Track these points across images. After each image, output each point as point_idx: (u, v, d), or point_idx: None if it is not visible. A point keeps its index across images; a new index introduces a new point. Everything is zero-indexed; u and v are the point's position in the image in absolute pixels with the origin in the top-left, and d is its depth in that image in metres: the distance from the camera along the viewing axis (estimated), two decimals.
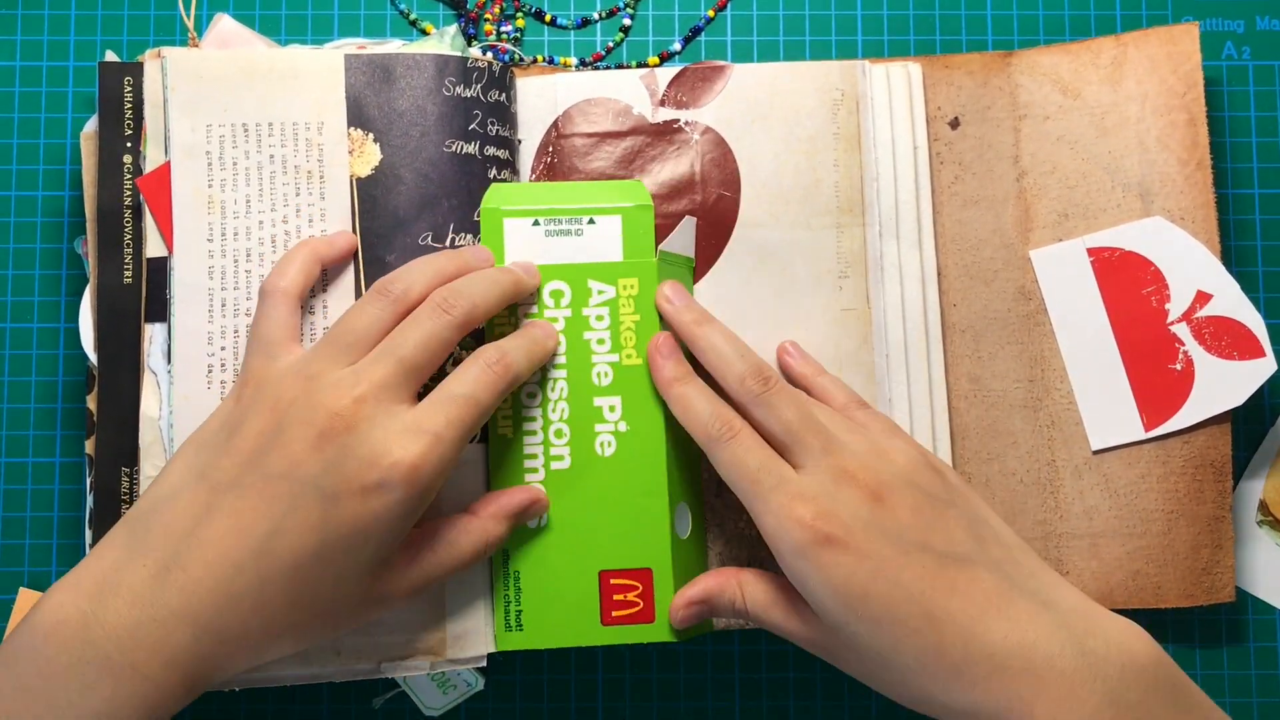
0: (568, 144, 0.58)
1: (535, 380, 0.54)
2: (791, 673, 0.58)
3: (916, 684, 0.45)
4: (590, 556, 0.53)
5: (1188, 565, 0.55)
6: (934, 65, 0.59)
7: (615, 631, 0.53)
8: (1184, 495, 0.56)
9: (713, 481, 0.56)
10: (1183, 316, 0.56)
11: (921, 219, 0.58)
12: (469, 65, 0.56)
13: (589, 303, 0.54)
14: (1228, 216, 0.60)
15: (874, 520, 0.46)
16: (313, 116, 0.55)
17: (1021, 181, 0.58)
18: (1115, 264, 0.57)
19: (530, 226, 0.55)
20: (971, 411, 0.57)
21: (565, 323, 0.54)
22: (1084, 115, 0.58)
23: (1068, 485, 0.57)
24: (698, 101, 0.58)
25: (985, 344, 0.57)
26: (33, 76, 0.61)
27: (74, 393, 0.59)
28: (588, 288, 0.54)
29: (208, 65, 0.55)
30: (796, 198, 0.57)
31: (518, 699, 0.58)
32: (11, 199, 0.60)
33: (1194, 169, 0.57)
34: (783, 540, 0.47)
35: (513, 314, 0.54)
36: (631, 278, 0.54)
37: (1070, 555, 0.56)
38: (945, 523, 0.47)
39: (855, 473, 0.48)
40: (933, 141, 0.58)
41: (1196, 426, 0.56)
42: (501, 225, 0.55)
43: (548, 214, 0.55)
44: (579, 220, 0.55)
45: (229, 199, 0.54)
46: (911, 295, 0.57)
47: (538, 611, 0.53)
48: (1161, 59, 0.57)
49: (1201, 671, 0.58)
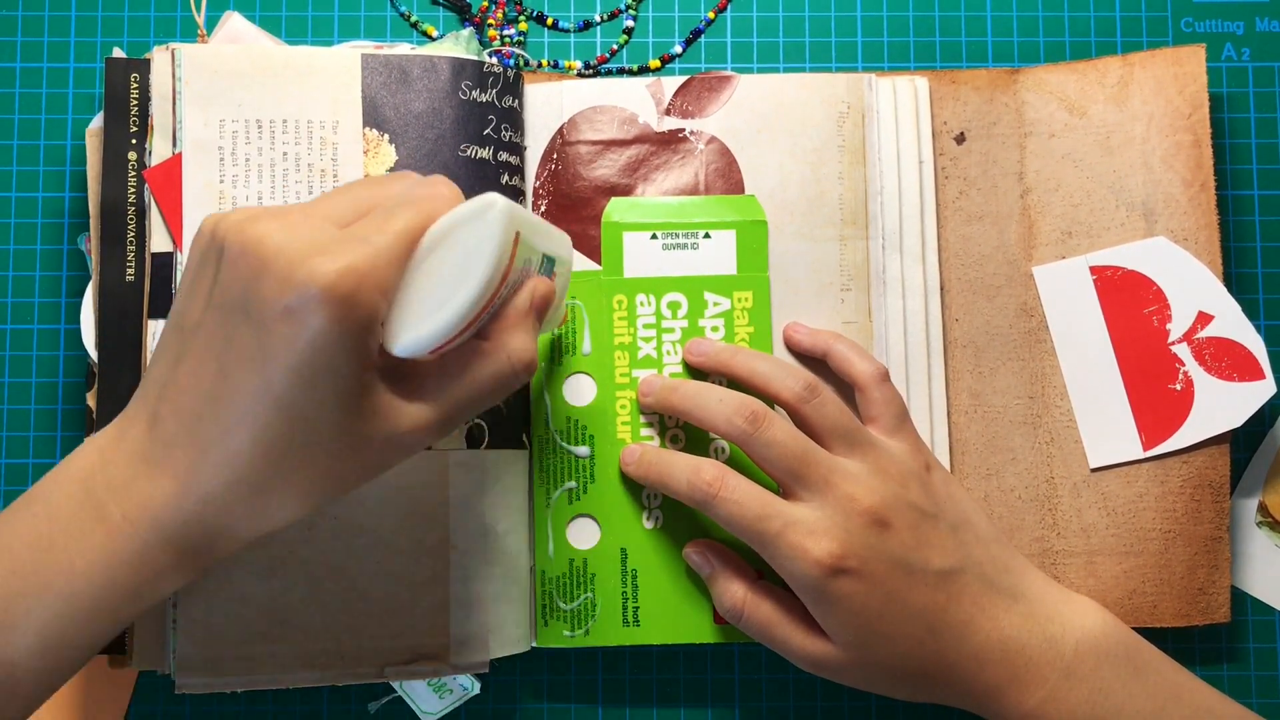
0: (572, 151, 0.58)
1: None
2: (791, 674, 0.59)
3: (915, 684, 0.51)
4: None
5: (1184, 585, 0.56)
6: (940, 80, 0.59)
7: (727, 631, 0.56)
8: (1181, 515, 0.56)
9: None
10: (1184, 337, 0.56)
11: (925, 233, 0.58)
12: (484, 70, 0.56)
13: (705, 314, 0.57)
14: (1230, 243, 0.60)
15: (882, 547, 0.49)
16: (328, 115, 0.55)
17: (1026, 198, 0.58)
18: (1118, 283, 0.57)
19: (649, 240, 0.57)
20: (971, 427, 0.57)
21: (681, 333, 0.56)
22: (1089, 134, 0.58)
23: (1066, 502, 0.57)
24: (703, 111, 0.58)
25: (986, 359, 0.58)
26: (33, 77, 0.60)
27: (74, 393, 0.59)
28: (703, 300, 0.57)
29: (222, 60, 0.55)
30: (800, 209, 0.57)
31: (517, 700, 0.58)
32: (12, 200, 0.60)
33: (1198, 190, 0.57)
34: (803, 579, 0.49)
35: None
36: (746, 290, 0.57)
37: (1067, 573, 0.57)
38: (938, 535, 0.51)
39: (860, 498, 0.50)
40: (938, 156, 0.58)
41: (1195, 447, 0.56)
42: (621, 239, 0.57)
43: (665, 228, 0.57)
44: (695, 234, 0.57)
45: (240, 195, 0.54)
46: (914, 309, 0.57)
47: (654, 609, 0.56)
48: (1168, 80, 0.57)
49: (1201, 672, 0.58)
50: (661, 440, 0.56)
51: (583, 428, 0.56)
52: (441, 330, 0.41)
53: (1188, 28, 0.62)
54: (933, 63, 0.61)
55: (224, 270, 0.40)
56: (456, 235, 0.41)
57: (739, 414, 0.51)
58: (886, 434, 0.53)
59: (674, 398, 0.54)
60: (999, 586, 0.51)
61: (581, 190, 0.57)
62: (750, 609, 0.52)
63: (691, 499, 0.51)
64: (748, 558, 0.55)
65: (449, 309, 0.41)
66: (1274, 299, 0.60)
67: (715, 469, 0.51)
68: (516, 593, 0.55)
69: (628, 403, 0.56)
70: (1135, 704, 0.50)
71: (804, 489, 0.50)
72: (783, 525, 0.49)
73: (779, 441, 0.50)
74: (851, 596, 0.49)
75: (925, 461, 0.53)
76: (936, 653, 0.50)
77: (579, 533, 0.56)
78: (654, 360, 0.57)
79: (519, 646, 0.55)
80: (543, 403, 0.56)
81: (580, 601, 0.56)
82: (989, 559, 0.52)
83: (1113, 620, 0.52)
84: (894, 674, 0.51)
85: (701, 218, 0.57)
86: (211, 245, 0.41)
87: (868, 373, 0.54)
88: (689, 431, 0.56)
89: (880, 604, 0.49)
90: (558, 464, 0.56)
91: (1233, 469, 0.57)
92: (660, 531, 0.56)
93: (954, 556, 0.51)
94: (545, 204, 0.57)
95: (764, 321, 0.57)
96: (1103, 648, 0.51)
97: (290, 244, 0.39)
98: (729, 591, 0.53)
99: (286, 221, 0.40)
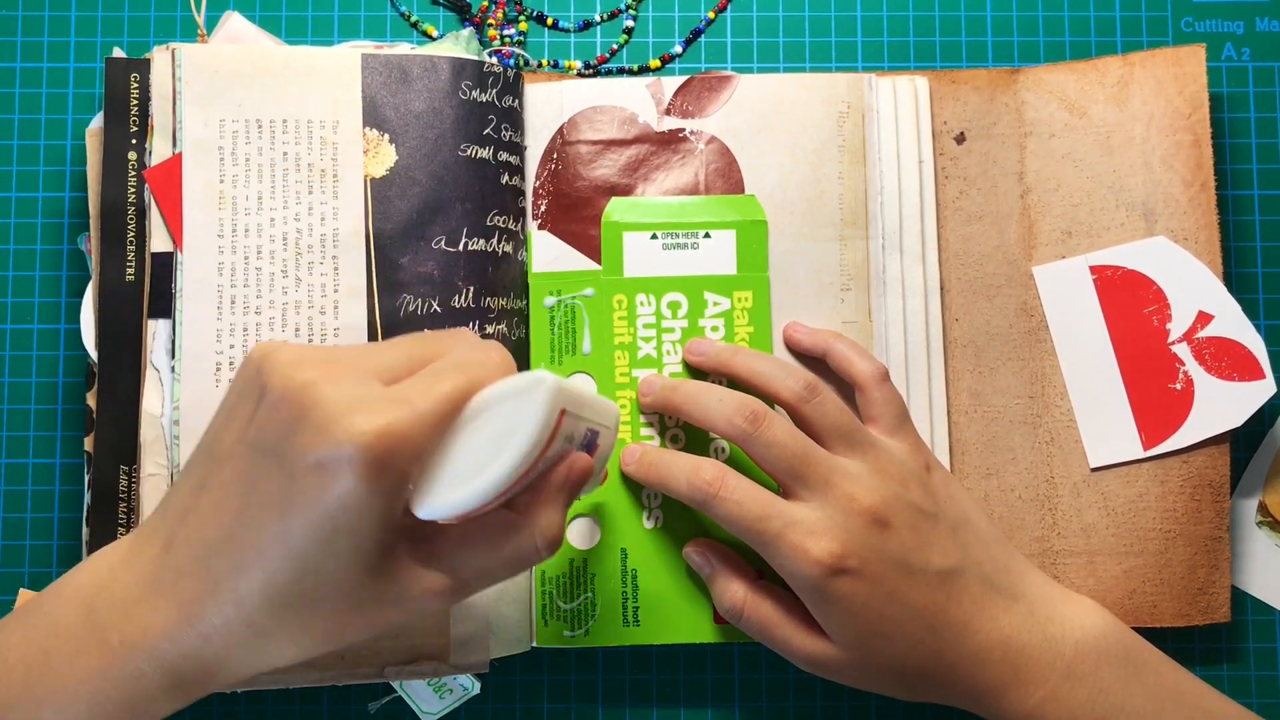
0: (572, 151, 0.58)
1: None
2: (791, 674, 0.59)
3: (914, 684, 0.51)
4: None
5: (1184, 585, 0.56)
6: (941, 80, 0.59)
7: (727, 631, 0.56)
8: (1181, 515, 0.56)
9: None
10: (1184, 336, 0.56)
11: (925, 233, 0.58)
12: (484, 69, 0.56)
13: (705, 314, 0.57)
14: (1230, 243, 0.60)
15: (883, 547, 0.49)
16: (328, 115, 0.55)
17: (1026, 198, 0.58)
18: (1117, 282, 0.57)
19: (649, 240, 0.57)
20: (971, 426, 0.57)
21: (682, 333, 0.56)
22: (1089, 134, 0.58)
23: (1066, 502, 0.57)
24: (703, 111, 0.58)
25: (986, 359, 0.58)
26: (33, 78, 0.60)
27: (74, 394, 0.59)
28: (704, 299, 0.57)
29: (222, 60, 0.55)
30: (800, 209, 0.57)
31: (517, 700, 0.58)
32: (12, 200, 0.60)
33: (1198, 190, 0.57)
34: (803, 579, 0.49)
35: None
36: (746, 290, 0.57)
37: (1067, 572, 0.57)
38: (938, 536, 0.51)
39: (860, 498, 0.50)
40: (938, 156, 0.58)
41: (1195, 446, 0.56)
42: (621, 238, 0.57)
43: (665, 228, 0.57)
44: (695, 234, 0.57)
45: (240, 195, 0.54)
46: (914, 309, 0.57)
47: (654, 609, 0.56)
48: (1168, 80, 0.57)
49: (1201, 672, 0.58)
50: (661, 440, 0.56)
51: None
52: (471, 500, 0.40)
53: (1188, 28, 0.62)
54: (933, 63, 0.61)
55: (263, 409, 0.39)
56: (501, 408, 0.40)
57: (739, 414, 0.51)
58: (886, 434, 0.53)
59: (674, 397, 0.54)
60: (999, 586, 0.51)
61: (581, 190, 0.57)
62: (750, 609, 0.52)
63: (691, 499, 0.51)
64: (748, 558, 0.55)
65: (481, 481, 0.39)
66: (1274, 299, 0.60)
67: (715, 469, 0.51)
68: (516, 593, 0.55)
69: (628, 403, 0.56)
70: (1135, 704, 0.50)
71: (804, 489, 0.50)
72: (783, 525, 0.49)
73: (779, 441, 0.50)
74: (851, 596, 0.49)
75: (925, 461, 0.53)
76: (936, 652, 0.50)
77: (579, 533, 0.56)
78: (654, 360, 0.57)
79: (519, 646, 0.55)
80: None
81: (580, 601, 0.56)
82: (989, 559, 0.52)
83: (1113, 620, 0.52)
84: (894, 674, 0.51)
85: (701, 218, 0.57)
86: (255, 380, 0.40)
87: (868, 372, 0.54)
88: (689, 431, 0.56)
89: (880, 604, 0.49)
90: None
91: (1233, 469, 0.57)
92: (660, 531, 0.56)
93: (954, 556, 0.51)
94: (545, 204, 0.57)
95: (764, 321, 0.57)
96: (1103, 648, 0.51)
97: (332, 397, 0.38)
98: (729, 591, 0.53)
99: (333, 371, 0.39)
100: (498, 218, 0.55)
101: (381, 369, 0.41)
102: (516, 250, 0.56)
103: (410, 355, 0.42)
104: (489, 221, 0.55)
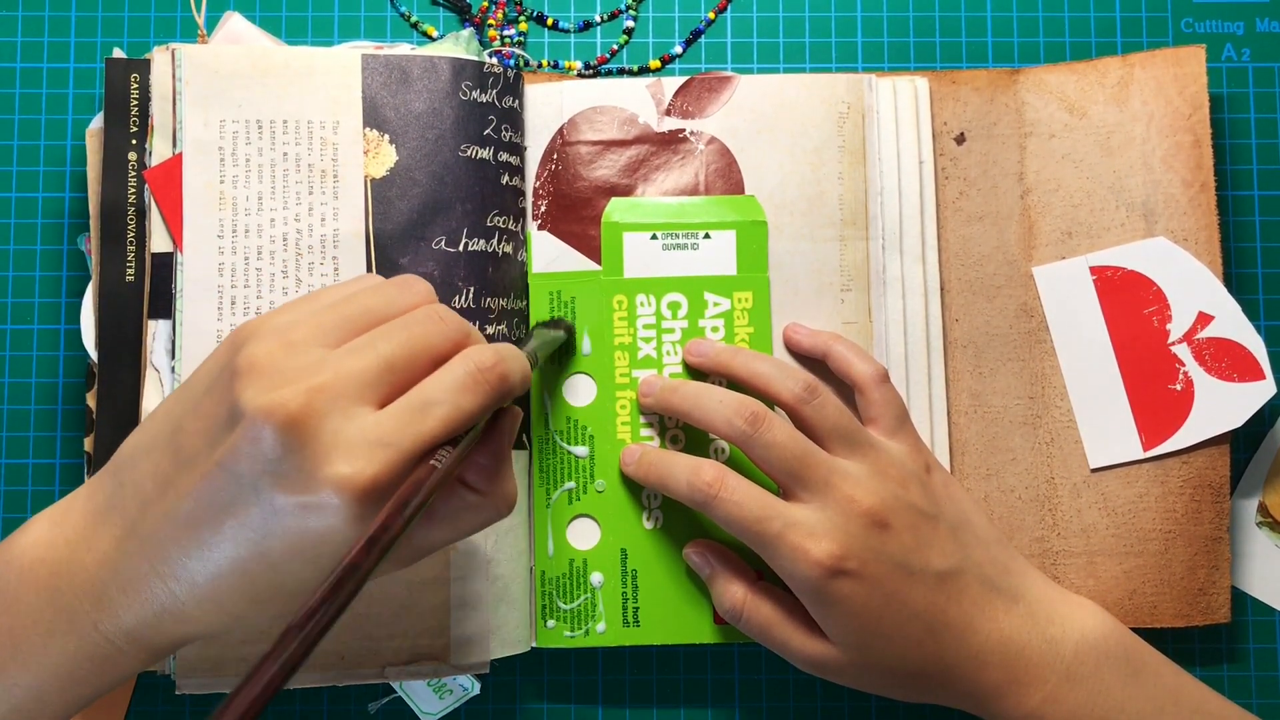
0: (572, 151, 0.58)
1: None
2: (791, 674, 0.59)
3: (914, 685, 0.51)
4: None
5: (1184, 585, 0.56)
6: (941, 80, 0.59)
7: (726, 631, 0.56)
8: (1181, 515, 0.56)
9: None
10: (1184, 337, 0.56)
11: (925, 234, 0.58)
12: (484, 70, 0.56)
13: (705, 314, 0.57)
14: (1230, 243, 0.60)
15: (882, 548, 0.49)
16: (328, 115, 0.55)
17: (1026, 199, 0.58)
18: (1118, 283, 0.57)
19: (648, 240, 0.57)
20: (971, 427, 0.57)
21: (681, 333, 0.56)
22: (1089, 134, 0.58)
23: (1066, 503, 0.57)
24: (703, 111, 0.58)
25: (986, 360, 0.58)
26: (33, 77, 0.60)
27: (74, 394, 0.59)
28: (704, 300, 0.57)
29: (222, 60, 0.55)
30: (800, 209, 0.57)
31: (517, 700, 0.58)
32: (12, 200, 0.60)
33: (1198, 191, 0.57)
34: (802, 580, 0.49)
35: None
36: (745, 291, 0.57)
37: (1067, 573, 0.57)
38: (937, 537, 0.51)
39: (860, 499, 0.50)
40: (938, 156, 0.58)
41: (1195, 447, 0.56)
42: (621, 239, 0.57)
43: (665, 228, 0.57)
44: (695, 235, 0.57)
45: (240, 195, 0.54)
46: (914, 310, 0.57)
47: (654, 609, 0.56)
48: (1168, 80, 0.57)
49: (1201, 672, 0.58)
50: (661, 441, 0.56)
51: (583, 428, 0.56)
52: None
53: (1188, 28, 0.62)
54: (933, 63, 0.61)
55: (240, 434, 0.38)
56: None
57: (739, 415, 0.51)
58: (886, 435, 0.53)
59: (674, 398, 0.54)
60: (999, 587, 0.52)
61: (581, 190, 0.57)
62: (750, 609, 0.52)
63: (691, 499, 0.51)
64: (748, 558, 0.55)
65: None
66: (1274, 299, 0.60)
67: (715, 469, 0.51)
68: (516, 593, 0.55)
69: (627, 403, 0.56)
70: (1134, 705, 0.50)
71: (804, 490, 0.50)
72: (782, 526, 0.49)
73: (779, 443, 0.50)
74: (851, 598, 0.49)
75: (925, 462, 0.53)
76: (936, 654, 0.50)
77: (579, 533, 0.56)
78: (654, 361, 0.57)
79: (519, 647, 0.55)
80: (542, 403, 0.56)
81: (580, 601, 0.56)
82: (989, 560, 0.52)
83: (1112, 622, 0.52)
84: (894, 675, 0.51)
85: (701, 218, 0.57)
86: (230, 385, 0.39)
87: (867, 374, 0.54)
88: (689, 432, 0.56)
89: (880, 605, 0.49)
90: (558, 464, 0.56)
91: (1233, 469, 0.57)
92: (660, 532, 0.56)
93: (954, 557, 0.51)
94: (545, 204, 0.57)
95: (764, 322, 0.57)
96: (1102, 649, 0.51)
97: (317, 437, 0.37)
98: (729, 592, 0.53)
99: (315, 398, 0.38)
100: (498, 218, 0.55)
101: (338, 332, 0.40)
102: (516, 251, 0.56)
103: (368, 309, 0.41)
104: (489, 222, 0.55)
